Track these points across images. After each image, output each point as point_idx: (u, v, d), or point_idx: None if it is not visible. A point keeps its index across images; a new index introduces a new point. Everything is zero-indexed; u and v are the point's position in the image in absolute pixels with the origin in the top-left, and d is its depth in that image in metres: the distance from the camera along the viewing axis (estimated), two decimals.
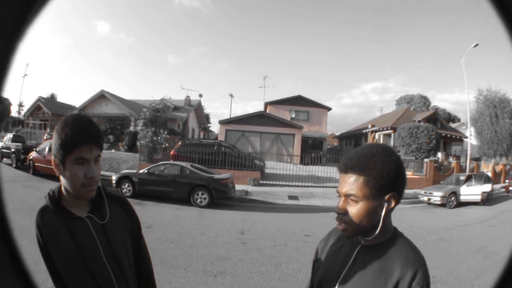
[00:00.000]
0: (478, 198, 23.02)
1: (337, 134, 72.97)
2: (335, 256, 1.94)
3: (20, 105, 59.79)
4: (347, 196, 1.76)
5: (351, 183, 1.74)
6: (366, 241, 1.81)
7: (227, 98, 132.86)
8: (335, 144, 73.20)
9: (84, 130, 1.95)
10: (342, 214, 1.76)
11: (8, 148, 27.78)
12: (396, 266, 1.70)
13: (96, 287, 2.02)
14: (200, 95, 58.73)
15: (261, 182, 26.49)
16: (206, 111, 75.13)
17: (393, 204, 1.75)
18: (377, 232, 1.75)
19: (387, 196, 1.74)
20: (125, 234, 2.21)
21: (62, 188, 2.10)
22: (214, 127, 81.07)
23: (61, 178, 2.08)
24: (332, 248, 2.00)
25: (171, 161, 22.23)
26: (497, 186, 29.89)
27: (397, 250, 1.76)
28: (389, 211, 1.76)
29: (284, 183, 27.00)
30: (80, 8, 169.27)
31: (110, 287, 2.05)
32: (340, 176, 1.83)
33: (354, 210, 1.73)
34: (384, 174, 1.71)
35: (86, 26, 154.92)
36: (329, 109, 52.68)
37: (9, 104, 55.39)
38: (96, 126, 2.04)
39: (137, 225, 2.35)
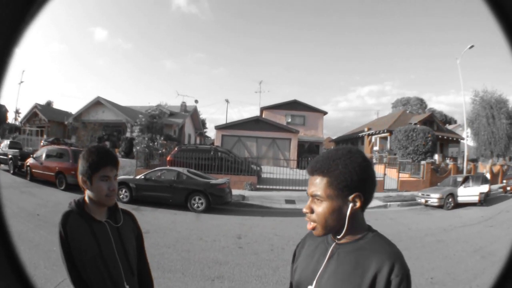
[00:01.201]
0: (475, 199, 23.06)
1: (334, 137, 72.98)
2: (311, 256, 2.02)
3: (17, 112, 59.72)
4: (313, 196, 1.87)
5: (317, 184, 1.85)
6: (338, 239, 1.89)
7: (223, 103, 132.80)
8: (332, 147, 73.11)
9: (106, 155, 2.63)
10: (309, 213, 1.88)
11: (5, 154, 27.82)
12: (372, 260, 1.74)
13: (108, 275, 2.52)
14: (196, 101, 58.49)
15: (257, 186, 26.52)
16: (202, 116, 75.09)
17: (358, 204, 1.82)
18: (344, 230, 1.83)
19: (351, 197, 1.81)
20: (132, 237, 2.80)
21: (86, 198, 2.65)
22: (210, 132, 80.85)
23: (87, 191, 2.64)
24: (308, 249, 2.09)
25: (168, 167, 22.19)
26: (494, 187, 29.99)
27: (371, 245, 1.82)
28: (356, 210, 1.83)
29: (281, 187, 27.04)
30: (77, 15, 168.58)
31: (119, 276, 2.56)
32: (308, 179, 1.95)
33: (319, 209, 1.84)
34: (347, 176, 1.80)
35: (83, 32, 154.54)
36: (325, 113, 52.59)
37: (6, 111, 55.29)
38: (114, 154, 2.73)
39: (140, 234, 2.94)
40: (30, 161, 23.42)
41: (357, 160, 1.82)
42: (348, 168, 1.80)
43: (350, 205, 1.81)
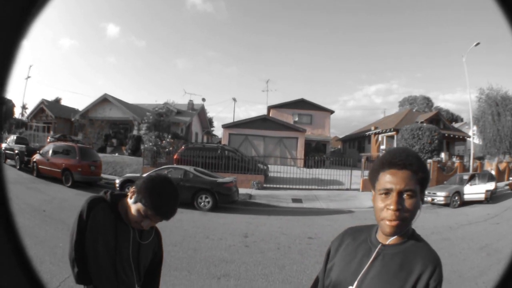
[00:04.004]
0: (482, 196, 23.10)
1: (341, 136, 72.89)
2: (352, 256, 1.98)
3: (24, 107, 60.07)
4: (402, 192, 1.79)
5: (408, 179, 1.79)
6: (391, 240, 1.87)
7: (230, 102, 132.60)
8: (339, 146, 73.12)
9: (162, 207, 2.39)
10: (400, 211, 1.78)
11: (11, 149, 27.82)
12: (417, 263, 1.77)
13: (114, 272, 2.50)
14: (203, 99, 58.49)
15: (264, 185, 26.55)
16: (209, 115, 75.19)
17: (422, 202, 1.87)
18: (408, 227, 1.85)
19: (421, 194, 1.86)
20: (150, 251, 2.77)
21: (126, 200, 2.53)
22: (218, 131, 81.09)
23: (129, 198, 2.49)
24: (348, 248, 2.04)
25: (175, 165, 22.19)
26: (501, 184, 29.93)
27: (416, 248, 1.84)
28: None
29: (287, 186, 27.11)
30: (89, 10, 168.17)
31: (123, 275, 2.54)
32: (387, 172, 1.86)
33: (410, 205, 1.78)
34: (429, 174, 1.88)
35: (95, 28, 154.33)
36: (332, 112, 52.55)
37: (12, 106, 55.49)
38: (174, 208, 2.48)
39: (161, 253, 2.97)
40: (36, 157, 23.47)
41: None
42: (428, 169, 1.86)
43: (420, 202, 1.84)
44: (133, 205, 2.40)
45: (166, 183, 2.46)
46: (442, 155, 37.03)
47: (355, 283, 1.85)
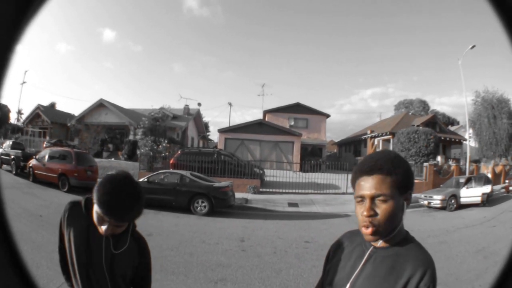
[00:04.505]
0: (478, 199, 23.08)
1: (337, 140, 72.84)
2: (347, 258, 2.00)
3: (19, 112, 59.95)
4: (374, 197, 1.80)
5: (379, 183, 1.80)
6: (382, 243, 1.87)
7: (226, 106, 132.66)
8: (335, 150, 73.07)
9: (111, 206, 2.12)
10: (373, 216, 1.79)
11: (7, 154, 27.86)
12: (407, 265, 1.75)
13: (86, 277, 2.38)
14: (199, 104, 58.62)
15: (261, 190, 26.53)
16: (205, 119, 75.17)
17: (408, 202, 1.86)
18: (396, 230, 1.83)
19: (405, 195, 1.84)
20: (127, 262, 2.44)
21: None
22: (213, 135, 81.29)
23: None
24: (344, 251, 2.06)
25: (171, 170, 22.23)
26: (497, 187, 29.93)
27: (408, 251, 1.82)
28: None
29: (284, 190, 27.09)
30: (86, 16, 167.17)
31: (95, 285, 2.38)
32: (360, 180, 1.89)
33: (384, 209, 1.78)
34: (407, 174, 1.84)
35: (91, 33, 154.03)
36: (327, 116, 52.45)
37: (8, 111, 55.46)
38: (128, 208, 2.17)
39: (146, 264, 2.58)
40: (32, 162, 23.45)
41: (406, 161, 1.89)
42: (406, 167, 1.86)
43: (405, 203, 1.83)
44: (95, 212, 2.22)
45: (119, 180, 2.20)
46: (438, 158, 37.02)
47: (348, 285, 1.86)
